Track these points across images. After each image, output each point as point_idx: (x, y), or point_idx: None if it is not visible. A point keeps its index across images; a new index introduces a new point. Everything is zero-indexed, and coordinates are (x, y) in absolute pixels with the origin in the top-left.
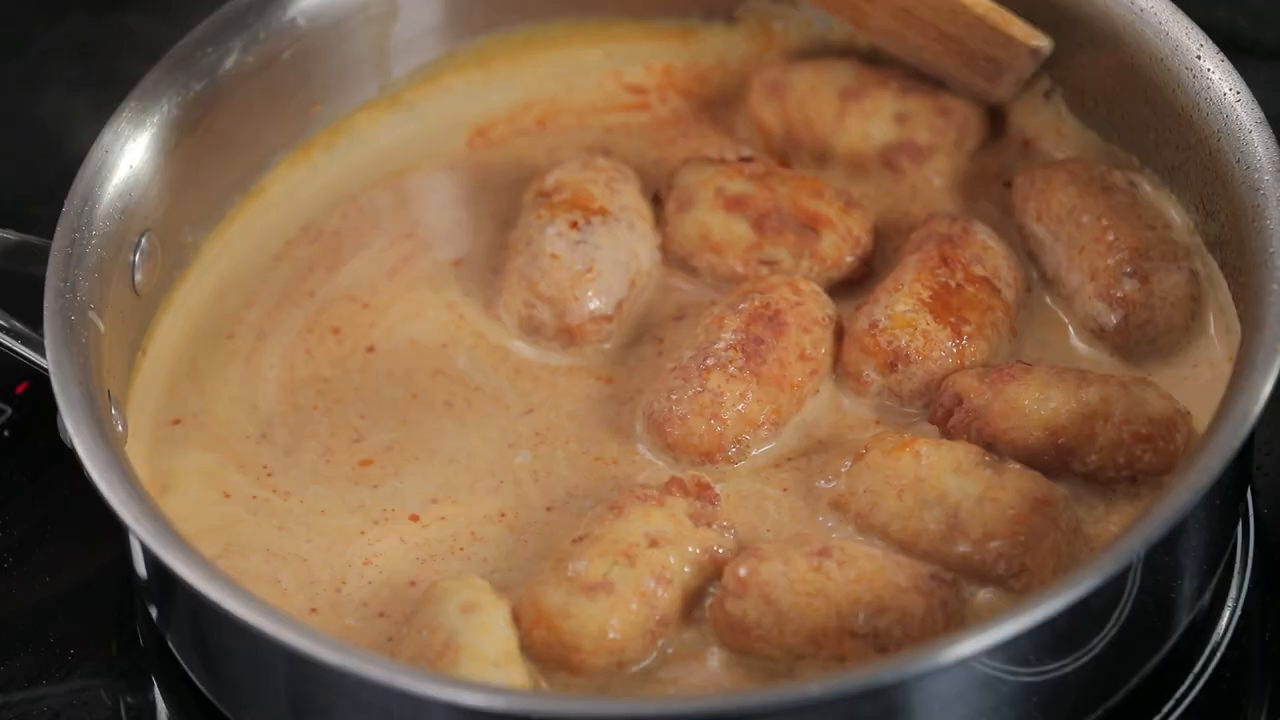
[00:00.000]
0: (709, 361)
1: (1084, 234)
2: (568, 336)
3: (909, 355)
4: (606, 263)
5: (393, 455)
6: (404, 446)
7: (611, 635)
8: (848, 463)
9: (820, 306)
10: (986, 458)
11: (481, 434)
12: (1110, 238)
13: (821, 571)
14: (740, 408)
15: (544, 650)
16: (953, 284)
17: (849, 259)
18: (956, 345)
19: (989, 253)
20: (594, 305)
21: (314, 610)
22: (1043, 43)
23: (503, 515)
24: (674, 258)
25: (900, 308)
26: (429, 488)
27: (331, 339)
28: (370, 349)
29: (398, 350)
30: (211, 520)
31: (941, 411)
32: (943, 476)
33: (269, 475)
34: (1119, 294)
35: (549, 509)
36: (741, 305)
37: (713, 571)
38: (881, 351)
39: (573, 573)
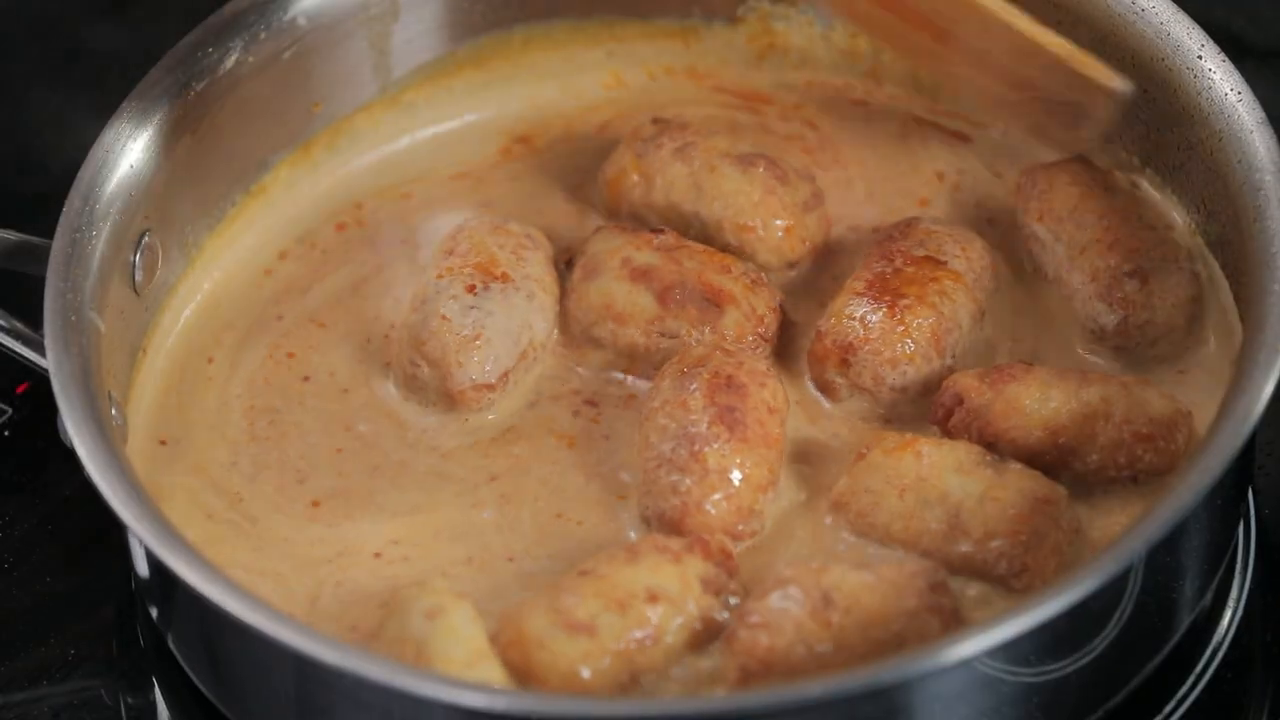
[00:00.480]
0: (697, 446)
1: (1085, 234)
2: (448, 401)
3: (853, 344)
4: (496, 331)
5: (339, 502)
6: (348, 495)
7: (582, 676)
8: (850, 462)
9: (757, 360)
10: (988, 457)
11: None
12: (1111, 239)
13: (829, 626)
14: (745, 474)
15: (511, 668)
16: (889, 270)
17: (750, 337)
18: (896, 319)
19: (934, 235)
20: (476, 374)
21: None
22: (1120, 85)
23: (469, 560)
24: (576, 325)
25: (837, 306)
26: (386, 532)
27: (286, 364)
28: (305, 379)
29: (326, 386)
30: (196, 536)
31: (942, 411)
32: (944, 476)
33: (240, 501)
34: (1119, 295)
35: (510, 559)
36: (692, 385)
37: (706, 638)
38: (831, 351)
39: (563, 605)
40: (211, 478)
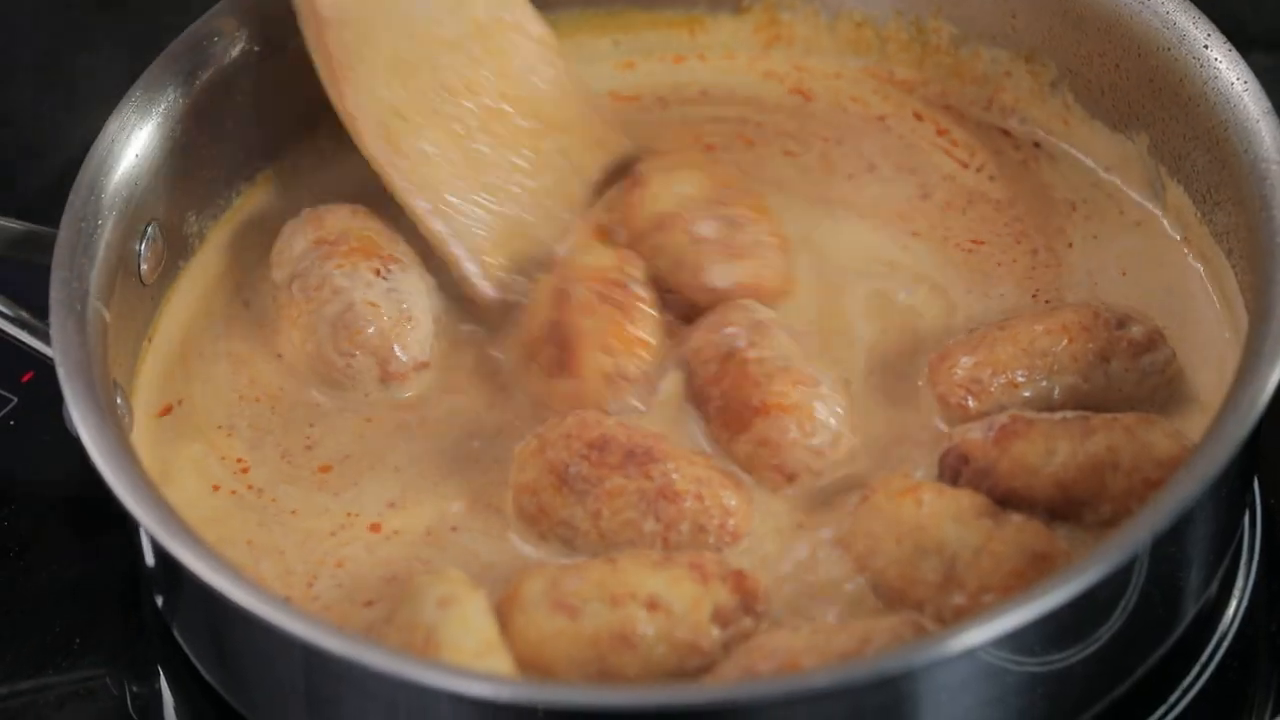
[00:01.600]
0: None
1: None
2: (383, 386)
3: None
4: (418, 310)
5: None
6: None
7: (544, 652)
8: (853, 502)
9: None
10: (991, 507)
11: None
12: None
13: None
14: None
15: (500, 622)
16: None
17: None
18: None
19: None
20: (416, 352)
21: (288, 599)
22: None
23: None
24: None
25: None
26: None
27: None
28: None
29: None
30: (204, 513)
31: (949, 472)
32: (943, 525)
33: (245, 470)
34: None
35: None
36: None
37: (694, 666)
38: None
39: (563, 581)
40: (215, 444)
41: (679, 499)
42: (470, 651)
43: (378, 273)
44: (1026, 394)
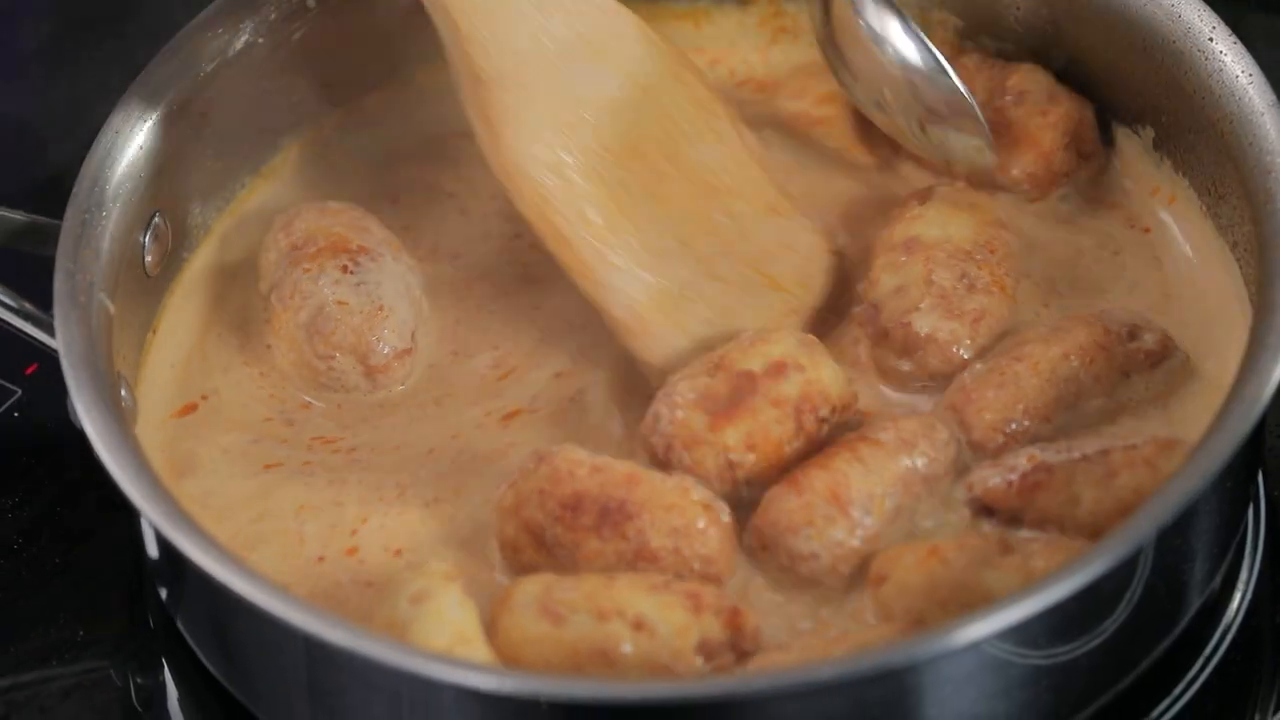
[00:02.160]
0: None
1: None
2: (370, 381)
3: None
4: (391, 297)
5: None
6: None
7: (525, 653)
8: (865, 597)
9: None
10: (1006, 540)
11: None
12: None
13: None
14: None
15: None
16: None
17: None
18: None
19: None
20: (395, 342)
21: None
22: None
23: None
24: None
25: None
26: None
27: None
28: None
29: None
30: (242, 493)
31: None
32: (979, 573)
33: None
34: None
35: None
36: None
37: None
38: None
39: (557, 588)
40: (255, 429)
41: (657, 558)
42: (442, 647)
43: (345, 269)
44: (1058, 423)
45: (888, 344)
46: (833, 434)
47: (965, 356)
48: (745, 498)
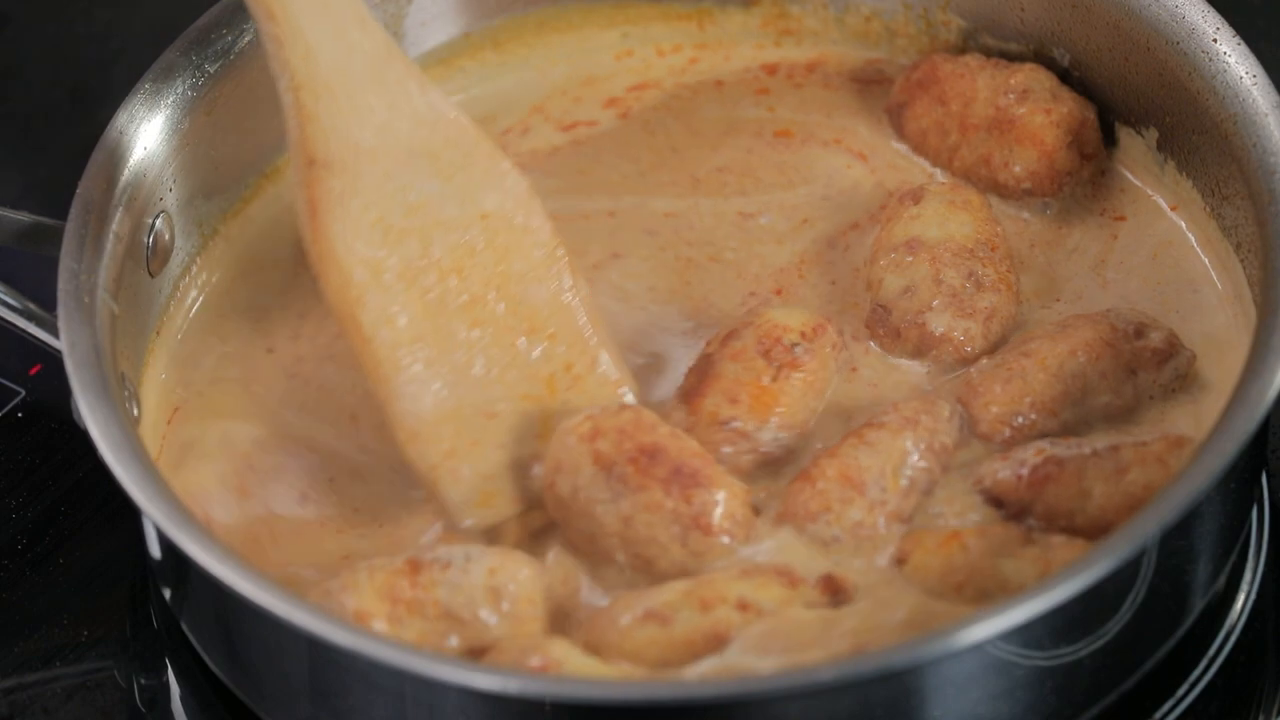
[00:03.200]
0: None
1: None
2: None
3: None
4: None
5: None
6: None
7: (646, 656)
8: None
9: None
10: (1027, 534)
11: None
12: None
13: None
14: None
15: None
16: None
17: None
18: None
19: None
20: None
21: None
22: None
23: None
24: None
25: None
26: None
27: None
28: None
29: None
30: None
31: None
32: (996, 563)
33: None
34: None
35: None
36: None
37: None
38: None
39: (652, 598)
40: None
41: (712, 534)
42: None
43: None
44: (1064, 419)
45: (900, 344)
46: (817, 363)
47: (977, 354)
48: (777, 455)
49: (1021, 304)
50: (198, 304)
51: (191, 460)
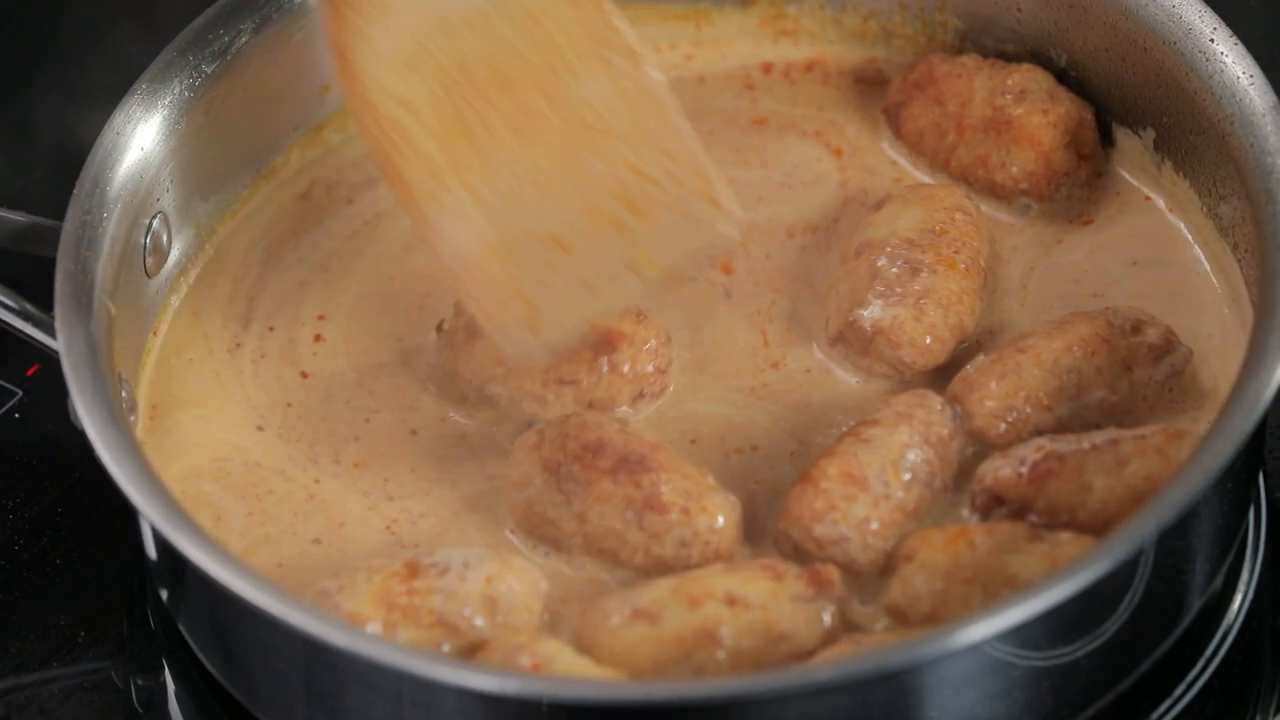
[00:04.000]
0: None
1: None
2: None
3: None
4: None
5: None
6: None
7: (634, 656)
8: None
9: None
10: (1034, 531)
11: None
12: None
13: None
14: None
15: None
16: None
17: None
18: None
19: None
20: None
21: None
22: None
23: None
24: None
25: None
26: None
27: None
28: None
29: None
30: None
31: (982, 510)
32: (1004, 559)
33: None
34: None
35: None
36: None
37: (778, 650)
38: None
39: (639, 596)
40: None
41: (665, 510)
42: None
43: None
44: (1059, 414)
45: (846, 347)
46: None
47: (924, 341)
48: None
49: (982, 282)
50: (195, 305)
51: (190, 461)
